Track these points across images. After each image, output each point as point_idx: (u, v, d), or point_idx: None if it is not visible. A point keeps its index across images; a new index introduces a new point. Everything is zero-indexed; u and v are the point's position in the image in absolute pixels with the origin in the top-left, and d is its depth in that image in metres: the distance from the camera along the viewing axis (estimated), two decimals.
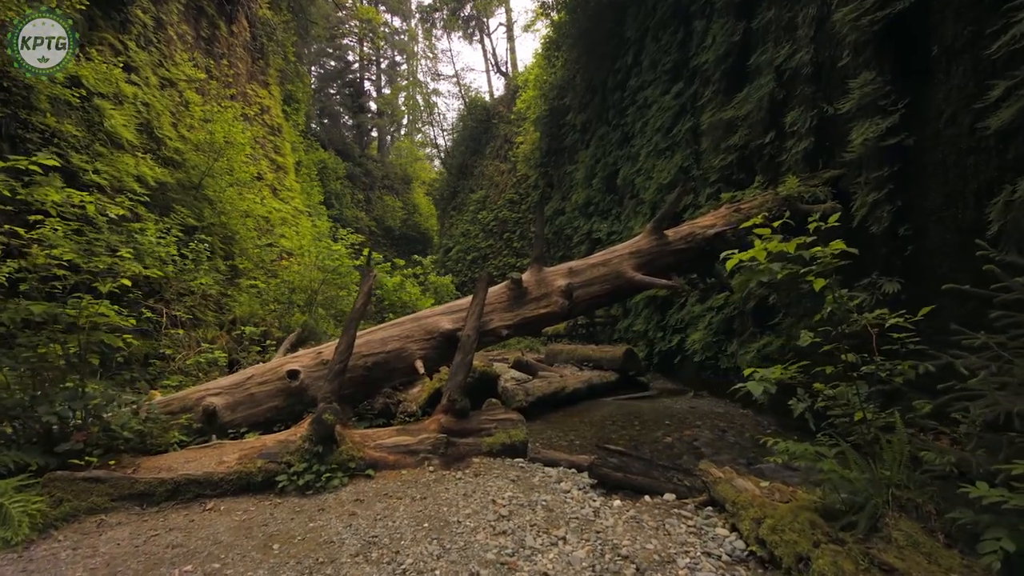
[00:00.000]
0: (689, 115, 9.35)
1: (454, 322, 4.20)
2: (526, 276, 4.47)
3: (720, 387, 7.44)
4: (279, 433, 3.53)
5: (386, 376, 4.08)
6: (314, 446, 3.26)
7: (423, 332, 4.22)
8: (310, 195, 23.63)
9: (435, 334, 4.21)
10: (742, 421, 5.95)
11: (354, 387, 3.96)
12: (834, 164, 5.54)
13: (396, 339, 4.31)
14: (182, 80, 10.62)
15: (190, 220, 9.00)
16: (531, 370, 8.99)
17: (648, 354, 9.85)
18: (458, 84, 43.20)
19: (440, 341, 4.13)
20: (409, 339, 4.17)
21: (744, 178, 7.14)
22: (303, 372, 3.95)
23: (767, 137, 6.60)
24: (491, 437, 3.74)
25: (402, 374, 4.09)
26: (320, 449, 3.27)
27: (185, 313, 7.23)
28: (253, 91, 15.23)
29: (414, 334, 4.22)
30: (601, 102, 14.58)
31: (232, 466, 3.21)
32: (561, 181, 18.28)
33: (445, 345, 4.09)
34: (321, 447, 3.30)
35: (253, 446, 3.35)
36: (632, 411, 6.64)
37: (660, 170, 10.09)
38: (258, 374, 4.02)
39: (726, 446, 4.96)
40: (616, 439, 5.22)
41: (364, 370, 3.98)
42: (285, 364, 4.01)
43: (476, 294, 4.10)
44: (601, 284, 4.49)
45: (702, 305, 8.07)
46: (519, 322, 4.25)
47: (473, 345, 3.93)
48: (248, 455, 3.27)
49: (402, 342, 4.14)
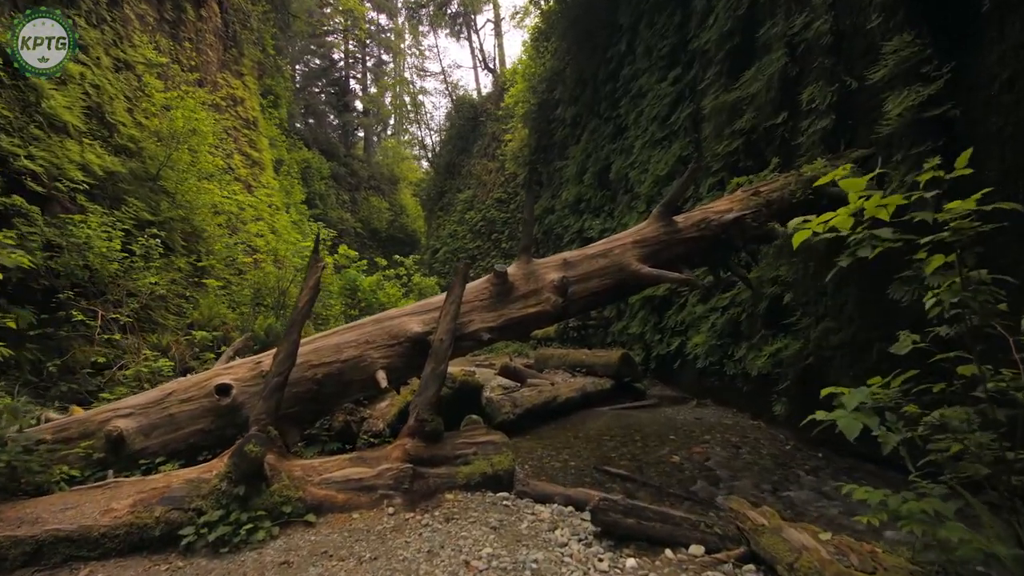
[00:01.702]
0: (688, 101, 8.73)
1: (425, 324, 3.48)
2: (512, 269, 3.77)
3: (725, 394, 6.80)
4: (192, 469, 2.75)
5: (341, 390, 3.34)
6: (234, 487, 2.49)
7: (387, 336, 3.48)
8: (290, 194, 22.76)
9: (401, 339, 3.46)
10: (755, 435, 5.29)
11: (300, 405, 3.21)
12: (859, 143, 4.90)
13: (353, 345, 3.48)
14: (140, 63, 9.79)
15: (144, 214, 8.18)
16: (519, 377, 8.29)
17: (645, 358, 9.19)
18: (445, 82, 42.45)
19: (408, 347, 3.40)
20: (370, 345, 3.43)
21: (751, 165, 6.50)
22: (236, 387, 3.18)
23: (779, 118, 5.97)
24: (468, 466, 3.03)
25: (361, 388, 3.35)
26: (242, 491, 2.51)
27: (130, 316, 6.42)
28: (225, 80, 14.40)
29: (376, 339, 3.48)
30: (592, 94, 13.96)
31: (122, 516, 2.42)
32: (551, 178, 17.64)
33: (414, 352, 3.37)
34: (243, 487, 2.52)
35: (155, 487, 2.56)
36: (631, 423, 5.97)
37: (657, 161, 9.46)
38: (180, 390, 3.22)
39: (743, 466, 4.28)
40: (616, 459, 4.53)
41: (313, 383, 3.22)
42: (215, 377, 3.24)
43: (451, 290, 3.37)
44: (601, 278, 3.80)
45: (704, 305, 7.43)
46: (504, 323, 3.54)
47: (447, 352, 3.22)
48: (146, 499, 2.48)
49: (361, 349, 3.40)
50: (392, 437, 3.70)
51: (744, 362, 6.16)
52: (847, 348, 4.80)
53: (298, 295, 3.05)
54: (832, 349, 4.94)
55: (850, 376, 4.72)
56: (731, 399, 6.67)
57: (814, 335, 5.14)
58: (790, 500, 3.57)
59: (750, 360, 6.03)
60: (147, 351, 5.71)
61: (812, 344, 5.12)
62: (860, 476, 4.08)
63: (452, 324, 3.27)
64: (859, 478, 4.04)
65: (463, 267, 3.44)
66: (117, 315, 6.03)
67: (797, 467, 4.27)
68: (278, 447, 2.79)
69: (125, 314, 6.35)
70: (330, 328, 4.54)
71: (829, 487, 3.84)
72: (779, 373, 5.50)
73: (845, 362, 4.79)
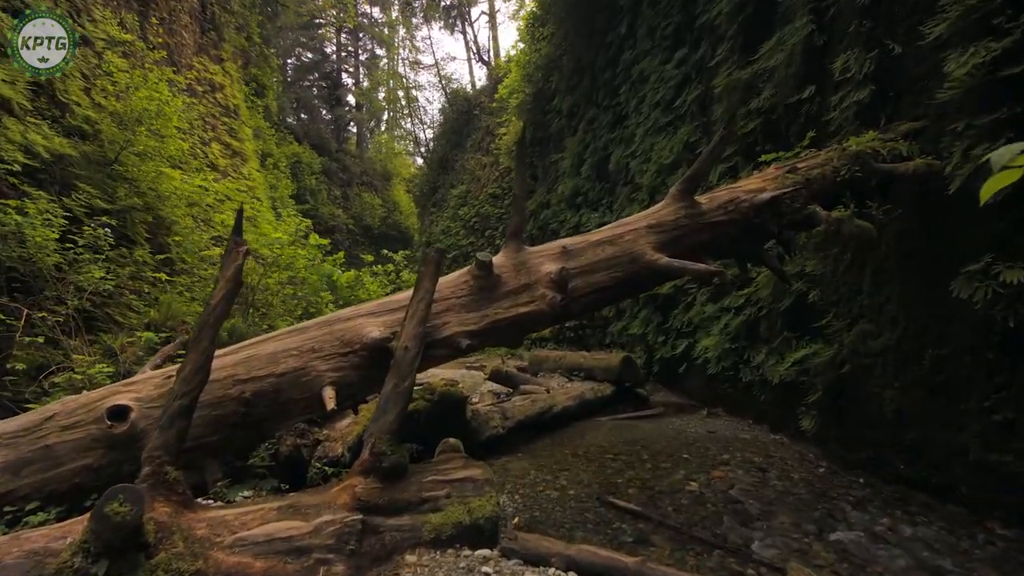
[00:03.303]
0: (695, 83, 8.03)
1: (387, 327, 2.75)
2: (499, 259, 3.06)
3: (739, 403, 6.12)
4: (40, 531, 2.01)
5: (278, 412, 2.60)
6: (93, 563, 1.77)
7: (337, 343, 2.74)
8: (277, 188, 21.96)
9: (356, 346, 2.70)
10: (780, 453, 4.61)
11: (223, 432, 2.49)
12: (904, 115, 4.22)
13: (294, 354, 2.67)
14: (101, 39, 9.01)
15: (98, 202, 7.42)
16: (512, 382, 7.60)
17: (647, 361, 8.50)
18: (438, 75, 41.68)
19: (365, 357, 2.67)
20: (315, 354, 2.69)
21: (771, 149, 5.81)
22: (137, 409, 2.45)
23: (805, 92, 5.28)
24: (439, 513, 2.31)
25: (304, 409, 2.63)
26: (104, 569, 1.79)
27: (71, 315, 5.68)
28: (202, 65, 13.60)
29: (324, 346, 2.74)
30: (590, 83, 13.27)
31: None
32: (546, 172, 16.98)
33: (373, 362, 2.64)
34: (107, 564, 1.78)
35: None
36: (636, 436, 5.28)
37: (661, 149, 8.76)
38: (64, 412, 2.46)
39: (775, 497, 3.59)
40: (623, 485, 3.84)
41: (240, 405, 2.50)
42: (111, 396, 2.51)
43: (418, 285, 2.64)
44: (608, 270, 3.07)
45: (715, 305, 6.74)
46: (488, 326, 2.82)
47: (414, 363, 2.50)
48: None
49: (303, 358, 2.66)
50: (344, 474, 2.98)
51: (763, 368, 5.47)
52: (891, 355, 4.12)
53: (213, 291, 2.33)
54: (872, 356, 4.25)
55: (896, 388, 4.05)
56: (746, 409, 6.00)
57: (848, 339, 4.46)
58: (841, 546, 2.88)
59: (770, 366, 5.35)
60: (78, 356, 4.96)
61: (846, 350, 4.43)
62: (915, 510, 3.41)
63: (421, 328, 2.56)
64: (915, 513, 3.36)
65: (434, 255, 2.71)
66: (46, 314, 5.28)
67: (839, 498, 3.58)
68: (179, 495, 2.07)
69: (63, 312, 5.60)
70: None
71: (883, 526, 3.15)
72: (806, 382, 4.82)
73: (889, 371, 4.11)
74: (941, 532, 3.07)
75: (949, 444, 3.62)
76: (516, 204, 3.19)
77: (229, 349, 2.73)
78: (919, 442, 3.81)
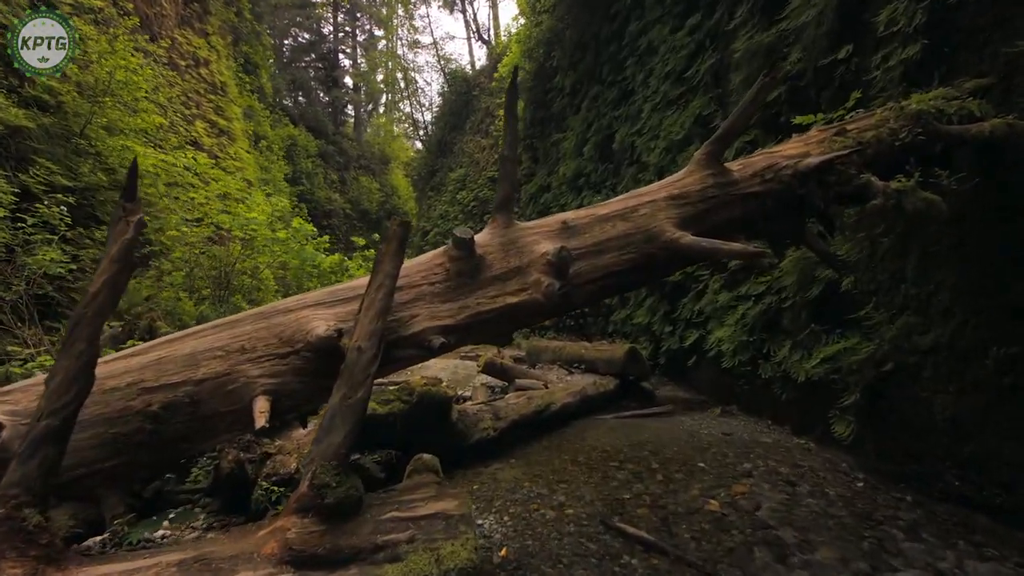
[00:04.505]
0: (710, 51, 7.37)
1: (339, 320, 2.18)
2: (483, 236, 2.48)
3: (757, 401, 5.57)
4: None
5: (197, 429, 2.04)
6: None
7: (275, 340, 2.13)
8: (270, 170, 21.28)
9: (298, 344, 2.11)
10: (809, 462, 4.06)
11: (124, 455, 1.92)
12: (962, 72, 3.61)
13: (219, 355, 2.10)
14: (67, 3, 8.34)
15: (59, 178, 6.83)
16: (506, 375, 7.06)
17: (653, 353, 7.94)
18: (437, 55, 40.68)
19: (309, 359, 2.09)
20: (246, 354, 2.13)
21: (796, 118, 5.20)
22: (11, 426, 1.87)
23: (841, 52, 4.65)
24: (397, 565, 1.76)
25: (230, 426, 2.06)
26: None
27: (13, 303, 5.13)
28: (184, 38, 12.89)
29: (257, 344, 2.13)
30: (594, 57, 12.56)
31: None
32: (547, 154, 16.32)
33: (320, 365, 2.07)
34: None
35: None
36: (644, 439, 4.74)
37: (670, 125, 8.12)
38: None
39: (811, 520, 3.05)
40: (630, 504, 3.30)
41: (146, 419, 1.93)
42: None
43: (377, 268, 2.05)
44: (619, 251, 2.50)
45: (730, 293, 6.16)
46: (468, 320, 2.25)
47: (369, 368, 1.93)
48: None
49: (230, 360, 2.06)
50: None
51: (786, 364, 4.91)
52: (943, 353, 3.55)
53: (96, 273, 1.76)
54: (920, 354, 3.68)
55: (950, 392, 3.49)
56: (764, 407, 5.45)
57: (890, 334, 3.88)
58: None
59: (795, 362, 4.79)
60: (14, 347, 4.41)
61: (888, 345, 3.86)
62: (980, 540, 2.86)
63: (379, 323, 1.99)
64: (981, 544, 2.82)
65: (397, 229, 2.11)
66: None
67: (886, 522, 3.04)
68: (42, 546, 1.52)
69: (8, 299, 5.05)
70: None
71: (947, 562, 2.61)
72: (837, 381, 4.26)
73: (941, 372, 3.55)
74: (1021, 571, 2.52)
75: (1019, 459, 3.08)
76: (505, 168, 2.58)
77: (137, 349, 2.17)
78: (980, 455, 3.26)
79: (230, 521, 2.64)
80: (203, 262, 6.75)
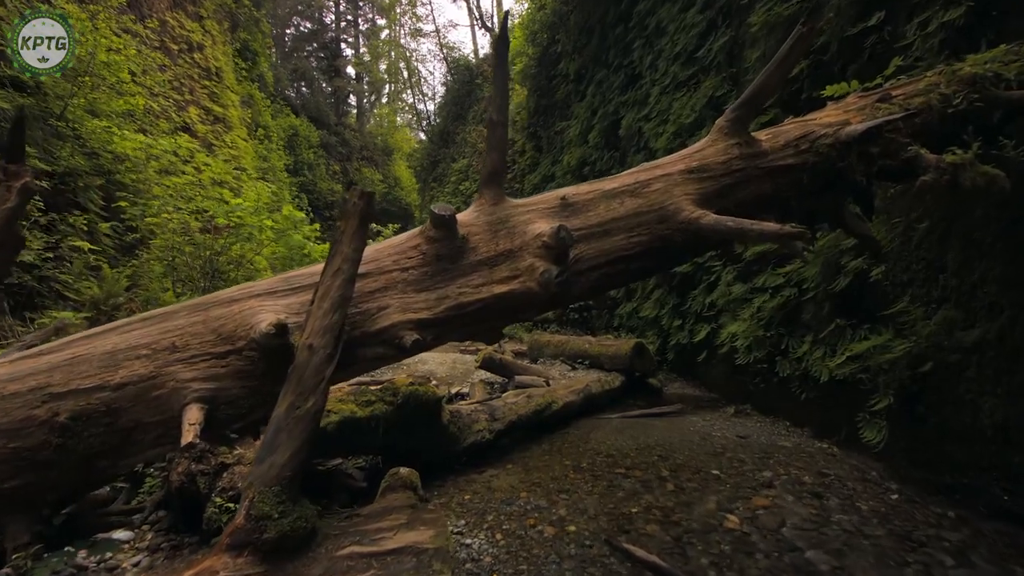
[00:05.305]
0: (723, 28, 6.95)
1: (290, 312, 1.84)
2: (468, 215, 2.10)
3: (773, 400, 5.21)
4: None
5: (117, 444, 1.68)
6: None
7: (213, 337, 1.77)
8: (268, 159, 20.93)
9: (240, 342, 1.78)
10: (835, 470, 3.69)
11: (28, 474, 1.58)
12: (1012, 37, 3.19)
13: (144, 354, 1.76)
14: None
15: (36, 162, 6.49)
16: (505, 371, 6.71)
17: (660, 348, 7.58)
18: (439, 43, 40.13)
19: (254, 359, 1.70)
20: (176, 353, 1.75)
21: (819, 96, 4.79)
22: None
23: (872, 20, 4.24)
24: None
25: (159, 438, 1.70)
26: None
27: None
28: (177, 21, 12.51)
29: (191, 342, 1.77)
30: (600, 42, 12.13)
31: None
32: (551, 143, 15.93)
33: (267, 367, 1.71)
34: None
35: None
36: (652, 442, 4.39)
37: (680, 108, 7.71)
38: None
39: (846, 540, 2.69)
40: (639, 518, 2.94)
41: (51, 432, 1.56)
42: None
43: (335, 248, 1.69)
44: (629, 232, 2.11)
45: (745, 284, 5.78)
46: (448, 313, 1.88)
47: (323, 370, 1.56)
48: None
49: (157, 361, 1.70)
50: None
51: (807, 362, 4.54)
52: (990, 351, 3.16)
53: None
54: (962, 352, 3.30)
55: (998, 394, 3.11)
56: (781, 408, 5.08)
57: (927, 330, 3.50)
58: None
59: (817, 359, 4.41)
60: None
61: (926, 343, 3.48)
62: None
63: (336, 316, 1.62)
64: None
65: (358, 202, 1.73)
66: None
67: (930, 543, 2.68)
68: None
69: None
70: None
71: None
72: (865, 381, 3.88)
73: (987, 373, 3.16)
74: None
75: None
76: (494, 135, 2.19)
77: (51, 346, 1.82)
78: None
79: (181, 541, 2.30)
80: (186, 250, 6.42)
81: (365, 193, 1.83)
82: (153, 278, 6.58)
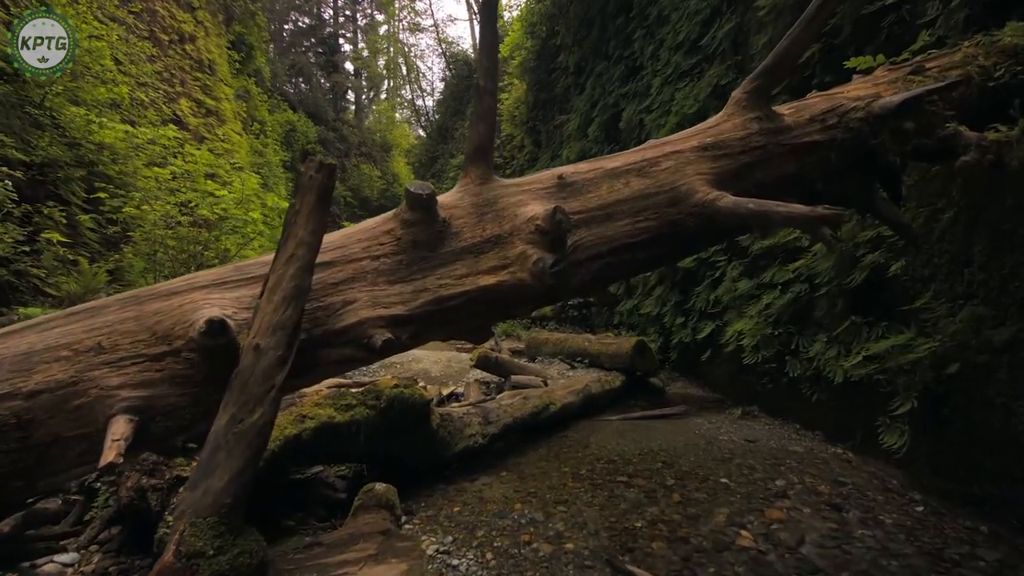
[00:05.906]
0: (728, 15, 6.69)
1: (240, 307, 1.59)
2: (451, 196, 1.83)
3: (782, 401, 4.96)
4: None
5: (32, 463, 1.37)
6: None
7: (146, 335, 1.49)
8: (264, 154, 20.63)
9: (177, 340, 1.50)
10: (852, 477, 3.45)
11: None
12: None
13: (64, 355, 1.48)
14: None
15: (13, 151, 6.22)
16: (502, 370, 6.46)
17: (663, 346, 7.33)
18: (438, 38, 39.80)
19: (195, 361, 1.40)
20: (102, 355, 1.45)
21: (831, 81, 4.53)
22: None
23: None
24: None
25: (82, 456, 1.46)
26: None
27: None
28: (167, 11, 12.22)
29: (119, 341, 1.48)
30: (600, 33, 11.89)
31: None
32: (551, 137, 15.71)
33: (209, 372, 1.43)
34: None
35: None
36: (655, 446, 4.15)
37: (683, 98, 7.45)
38: None
39: (871, 560, 2.44)
40: (643, 533, 2.70)
41: None
42: None
43: (288, 230, 1.43)
44: (635, 217, 1.84)
45: (751, 280, 5.53)
46: (426, 307, 1.61)
47: (273, 376, 1.30)
48: None
49: (78, 364, 1.40)
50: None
51: (819, 361, 4.29)
52: (1023, 351, 2.91)
53: None
54: (993, 351, 3.05)
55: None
56: (791, 409, 4.83)
57: (953, 328, 3.24)
58: None
59: (830, 359, 4.16)
60: None
61: (951, 342, 3.22)
62: None
63: (291, 311, 1.36)
64: None
65: (315, 174, 1.47)
66: None
67: (963, 561, 2.43)
68: None
69: None
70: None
71: None
72: (884, 382, 3.63)
73: (1020, 375, 2.91)
74: None
75: None
76: (482, 104, 1.91)
77: None
78: None
79: (131, 564, 2.06)
80: (169, 244, 6.16)
81: (324, 164, 1.56)
82: (136, 273, 6.32)
